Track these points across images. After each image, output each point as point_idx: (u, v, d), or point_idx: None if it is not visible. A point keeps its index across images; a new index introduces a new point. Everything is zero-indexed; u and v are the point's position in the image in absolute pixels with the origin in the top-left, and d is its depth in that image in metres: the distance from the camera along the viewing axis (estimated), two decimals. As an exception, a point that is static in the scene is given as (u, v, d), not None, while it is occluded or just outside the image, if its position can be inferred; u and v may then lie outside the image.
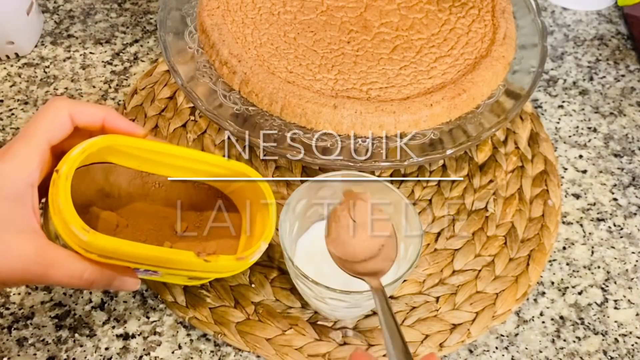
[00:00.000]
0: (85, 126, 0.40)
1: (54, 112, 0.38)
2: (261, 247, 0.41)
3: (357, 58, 0.53)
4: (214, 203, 0.46)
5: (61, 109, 0.39)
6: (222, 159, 0.43)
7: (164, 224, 0.45)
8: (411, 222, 0.44)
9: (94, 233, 0.35)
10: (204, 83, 0.51)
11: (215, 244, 0.45)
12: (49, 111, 0.38)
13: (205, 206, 0.46)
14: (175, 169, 0.43)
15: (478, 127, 0.50)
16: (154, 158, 0.42)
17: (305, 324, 0.47)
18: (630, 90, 0.65)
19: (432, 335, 0.47)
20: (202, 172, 0.43)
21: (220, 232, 0.46)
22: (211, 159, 0.43)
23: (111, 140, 0.39)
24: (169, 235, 0.45)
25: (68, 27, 0.69)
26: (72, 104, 0.39)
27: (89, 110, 0.40)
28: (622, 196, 0.57)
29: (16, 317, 0.48)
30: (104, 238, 0.36)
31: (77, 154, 0.37)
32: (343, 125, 0.48)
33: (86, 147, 0.38)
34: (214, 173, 0.43)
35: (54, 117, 0.38)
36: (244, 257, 0.40)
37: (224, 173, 0.43)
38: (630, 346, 0.48)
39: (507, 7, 0.57)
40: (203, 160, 0.43)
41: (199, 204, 0.46)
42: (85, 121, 0.40)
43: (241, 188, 0.44)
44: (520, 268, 0.51)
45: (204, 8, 0.55)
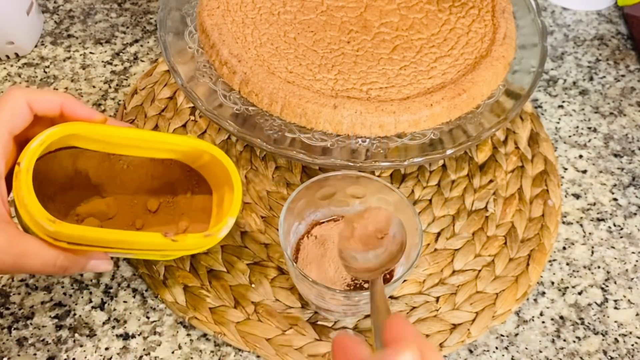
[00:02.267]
0: (44, 114, 0.40)
1: (12, 101, 0.38)
2: (228, 222, 0.41)
3: (357, 58, 0.53)
4: (186, 179, 0.47)
5: (18, 97, 0.38)
6: (184, 137, 0.43)
7: (137, 204, 0.46)
8: (411, 222, 0.44)
9: (59, 223, 0.36)
10: (204, 83, 0.51)
11: (189, 220, 0.46)
12: (7, 102, 0.38)
13: (177, 183, 0.47)
14: (140, 150, 0.44)
15: (478, 127, 0.50)
16: (118, 141, 0.42)
17: (305, 324, 0.47)
18: (630, 90, 0.65)
19: (432, 335, 0.47)
20: (166, 151, 0.44)
21: (193, 208, 0.46)
22: (172, 139, 0.43)
23: (69, 128, 0.39)
24: (141, 214, 0.46)
25: (68, 27, 0.69)
26: (29, 92, 0.39)
27: (46, 98, 0.39)
28: (622, 196, 0.57)
29: (16, 317, 0.48)
30: (69, 227, 0.37)
31: (36, 145, 0.38)
32: (343, 125, 0.48)
33: (45, 139, 0.38)
34: (176, 152, 0.44)
35: (13, 107, 0.38)
36: (211, 234, 0.41)
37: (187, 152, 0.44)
38: (630, 346, 0.48)
39: (507, 7, 0.57)
40: (164, 141, 0.43)
41: (171, 181, 0.47)
42: (43, 108, 0.39)
43: (209, 164, 0.45)
44: (520, 268, 0.51)
45: (204, 8, 0.55)
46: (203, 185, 0.46)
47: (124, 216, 0.45)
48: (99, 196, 0.46)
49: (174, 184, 0.47)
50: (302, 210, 0.46)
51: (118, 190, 0.46)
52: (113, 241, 0.39)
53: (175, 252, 0.42)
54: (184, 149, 0.44)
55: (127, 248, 0.40)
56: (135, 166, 0.46)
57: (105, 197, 0.46)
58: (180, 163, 0.46)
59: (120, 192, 0.46)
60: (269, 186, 0.55)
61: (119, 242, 0.39)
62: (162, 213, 0.46)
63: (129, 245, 0.39)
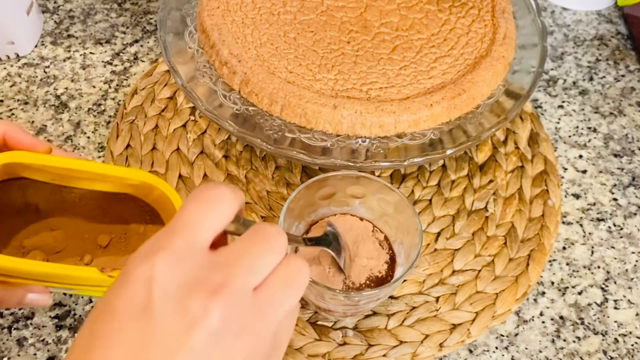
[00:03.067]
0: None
1: None
2: None
3: (357, 58, 0.53)
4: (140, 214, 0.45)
5: None
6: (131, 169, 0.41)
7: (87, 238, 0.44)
8: (411, 222, 0.44)
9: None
10: (204, 83, 0.51)
11: None
12: None
13: (131, 218, 0.45)
14: (91, 182, 0.42)
15: (478, 127, 0.50)
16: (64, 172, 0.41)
17: (305, 324, 0.47)
18: (630, 90, 0.65)
19: (432, 335, 0.47)
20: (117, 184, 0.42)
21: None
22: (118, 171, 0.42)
23: (10, 157, 0.38)
24: (91, 249, 0.44)
25: (68, 27, 0.69)
26: None
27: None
28: (622, 196, 0.57)
29: (16, 317, 0.48)
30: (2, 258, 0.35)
31: None
32: (343, 125, 0.48)
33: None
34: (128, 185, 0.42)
35: None
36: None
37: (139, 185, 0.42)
38: (630, 346, 0.48)
39: (507, 7, 0.57)
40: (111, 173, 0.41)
41: (125, 216, 0.45)
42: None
43: (161, 198, 0.43)
44: (520, 268, 0.51)
45: (204, 8, 0.55)
46: (157, 220, 0.45)
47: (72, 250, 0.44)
48: (48, 229, 0.44)
49: (127, 219, 0.45)
50: (302, 210, 0.46)
51: (68, 224, 0.44)
52: (47, 275, 0.37)
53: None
54: (133, 183, 0.42)
55: (62, 282, 0.38)
56: (87, 199, 0.44)
57: (54, 230, 0.44)
58: (134, 197, 0.44)
59: (70, 226, 0.44)
60: (269, 186, 0.55)
61: (52, 276, 0.37)
62: (112, 248, 0.45)
63: (63, 280, 0.38)
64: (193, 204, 0.28)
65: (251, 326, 0.26)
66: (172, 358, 0.25)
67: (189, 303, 0.26)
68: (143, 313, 0.26)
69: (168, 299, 0.26)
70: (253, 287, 0.27)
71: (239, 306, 0.26)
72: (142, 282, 0.26)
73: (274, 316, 0.27)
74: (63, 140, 0.59)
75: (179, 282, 0.26)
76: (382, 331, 0.48)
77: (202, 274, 0.26)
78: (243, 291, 0.27)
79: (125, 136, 0.58)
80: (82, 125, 0.60)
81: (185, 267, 0.26)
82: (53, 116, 0.60)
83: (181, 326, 0.25)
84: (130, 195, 0.44)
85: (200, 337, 0.25)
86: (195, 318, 0.25)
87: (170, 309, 0.26)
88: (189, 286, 0.26)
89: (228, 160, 0.57)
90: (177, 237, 0.27)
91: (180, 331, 0.25)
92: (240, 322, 0.26)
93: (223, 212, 0.29)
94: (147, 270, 0.26)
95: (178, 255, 0.27)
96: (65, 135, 0.59)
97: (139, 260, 0.27)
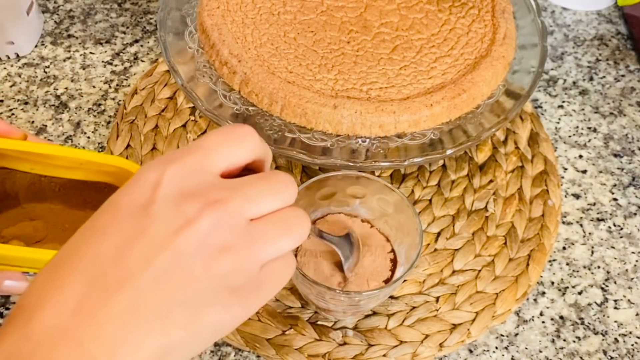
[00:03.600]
0: None
1: None
2: None
3: (357, 58, 0.53)
4: None
5: None
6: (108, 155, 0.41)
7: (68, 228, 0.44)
8: (411, 222, 0.44)
9: None
10: (204, 83, 0.51)
11: None
12: None
13: None
14: (70, 171, 0.42)
15: (478, 127, 0.50)
16: (44, 160, 0.41)
17: (305, 324, 0.47)
18: (630, 90, 0.65)
19: (432, 335, 0.47)
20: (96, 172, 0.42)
21: None
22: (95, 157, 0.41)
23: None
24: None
25: (68, 27, 0.69)
26: None
27: None
28: (622, 196, 0.57)
29: (16, 317, 0.48)
30: None
31: None
32: (343, 125, 0.48)
33: None
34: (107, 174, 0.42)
35: None
36: None
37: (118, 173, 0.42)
38: (630, 346, 0.48)
39: (507, 7, 0.57)
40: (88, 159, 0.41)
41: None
42: None
43: None
44: (520, 268, 0.51)
45: (204, 8, 0.55)
46: None
47: (52, 240, 0.43)
48: (27, 218, 0.44)
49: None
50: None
51: (48, 214, 0.44)
52: (20, 259, 0.37)
53: None
54: (111, 170, 0.42)
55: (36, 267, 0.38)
56: (67, 189, 0.44)
57: (34, 220, 0.44)
58: (114, 186, 0.44)
59: (50, 216, 0.44)
60: (269, 186, 0.55)
61: (27, 261, 0.37)
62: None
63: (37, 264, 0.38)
64: (215, 134, 0.29)
65: (237, 247, 0.27)
66: (156, 254, 0.26)
67: (185, 207, 0.27)
68: (142, 211, 0.27)
69: (167, 201, 0.27)
70: (249, 216, 0.28)
71: (230, 225, 0.27)
72: (148, 184, 0.28)
73: (262, 250, 0.28)
74: (63, 140, 0.59)
75: (182, 189, 0.27)
76: (382, 331, 0.48)
77: (206, 189, 0.28)
78: (238, 214, 0.28)
79: (125, 136, 0.58)
80: (82, 125, 0.60)
81: (191, 180, 0.28)
82: (53, 116, 0.60)
83: (172, 227, 0.26)
84: (111, 184, 0.44)
85: (186, 240, 0.26)
86: (186, 221, 0.26)
87: (167, 211, 0.27)
88: (190, 195, 0.27)
89: (228, 160, 0.57)
90: (191, 155, 0.28)
91: (170, 231, 0.26)
92: (227, 239, 0.27)
93: (243, 147, 0.30)
94: (156, 175, 0.28)
95: (188, 170, 0.28)
96: (65, 135, 0.59)
97: (150, 167, 0.28)
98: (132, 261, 0.26)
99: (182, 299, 0.26)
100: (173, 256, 0.26)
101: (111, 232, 0.27)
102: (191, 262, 0.26)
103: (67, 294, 0.26)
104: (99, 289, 0.25)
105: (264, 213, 0.29)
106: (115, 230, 0.27)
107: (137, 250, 0.26)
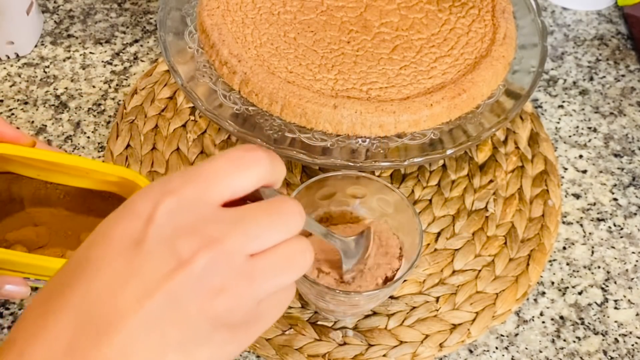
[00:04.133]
0: None
1: None
2: None
3: (357, 58, 0.53)
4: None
5: None
6: (112, 165, 0.42)
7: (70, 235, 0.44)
8: (411, 222, 0.44)
9: None
10: (204, 83, 0.51)
11: None
12: None
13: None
14: (75, 179, 0.42)
15: (478, 127, 0.50)
16: (50, 167, 0.41)
17: (305, 324, 0.47)
18: (630, 90, 0.65)
19: (432, 335, 0.47)
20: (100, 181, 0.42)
21: None
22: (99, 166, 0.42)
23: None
24: (73, 246, 0.44)
25: (68, 27, 0.69)
26: None
27: None
28: (622, 196, 0.57)
29: (16, 317, 0.48)
30: None
31: None
32: (343, 125, 0.48)
33: None
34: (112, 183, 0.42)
35: None
36: None
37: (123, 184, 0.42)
38: (630, 346, 0.48)
39: (507, 7, 0.57)
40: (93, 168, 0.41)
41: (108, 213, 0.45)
42: None
43: None
44: (520, 268, 0.51)
45: (204, 8, 0.55)
46: None
47: (54, 246, 0.44)
48: (31, 224, 0.44)
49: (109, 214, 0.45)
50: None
51: (52, 220, 0.44)
52: (20, 264, 0.37)
53: None
54: (114, 179, 0.42)
55: (36, 273, 0.38)
56: (72, 196, 0.44)
57: (37, 226, 0.44)
58: (119, 196, 0.44)
59: (54, 222, 0.44)
60: (269, 186, 0.55)
61: (27, 266, 0.38)
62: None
63: (37, 270, 0.38)
64: (221, 159, 0.28)
65: (233, 288, 0.26)
66: (149, 296, 0.25)
67: (179, 247, 0.26)
68: (134, 246, 0.26)
69: (161, 238, 0.26)
70: (249, 253, 0.27)
71: (227, 265, 0.26)
72: (141, 217, 0.26)
73: (261, 288, 0.27)
74: (63, 140, 0.59)
75: (176, 225, 0.26)
76: (382, 331, 0.48)
77: (202, 225, 0.26)
78: (236, 253, 0.26)
79: (125, 136, 0.58)
80: (82, 125, 0.60)
81: (187, 215, 0.27)
82: (53, 116, 0.60)
83: (165, 267, 0.25)
84: (115, 193, 0.44)
85: (180, 282, 0.25)
86: (181, 262, 0.26)
87: (160, 249, 0.26)
88: (184, 232, 0.26)
89: (228, 160, 0.57)
90: (190, 185, 0.27)
91: (163, 272, 0.25)
92: (223, 280, 0.26)
93: (249, 176, 0.28)
94: (150, 208, 0.26)
95: (185, 203, 0.27)
96: (65, 135, 0.59)
97: (145, 195, 0.27)
98: (125, 301, 0.25)
99: (175, 341, 0.25)
100: (166, 298, 0.25)
101: (103, 268, 0.26)
102: (185, 304, 0.25)
103: (59, 331, 0.25)
104: (91, 329, 0.25)
105: (265, 248, 0.27)
106: (108, 266, 0.26)
107: (129, 290, 0.25)
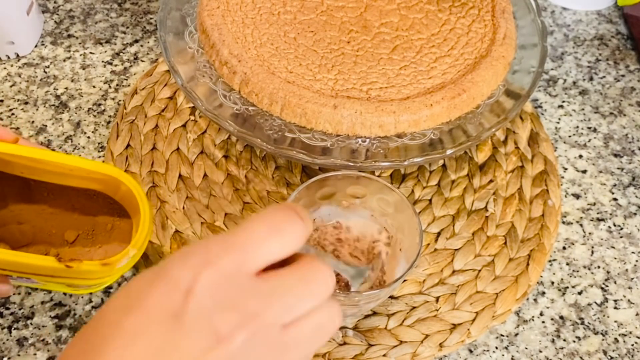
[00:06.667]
0: None
1: None
2: (129, 253, 0.39)
3: (357, 58, 0.53)
4: (108, 212, 0.45)
5: None
6: (95, 162, 0.41)
7: (55, 234, 0.44)
8: (411, 222, 0.44)
9: None
10: (204, 83, 0.51)
11: (104, 251, 0.44)
12: None
13: (99, 215, 0.45)
14: (59, 177, 0.42)
15: (478, 127, 0.50)
16: (34, 164, 0.41)
17: (305, 324, 0.47)
18: (630, 90, 0.66)
19: (432, 335, 0.47)
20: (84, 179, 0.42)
21: (112, 240, 0.45)
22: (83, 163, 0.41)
23: None
24: (57, 244, 0.44)
25: (68, 27, 0.69)
26: None
27: None
28: (622, 196, 0.57)
29: (16, 317, 0.48)
30: None
31: None
32: (343, 125, 0.48)
33: None
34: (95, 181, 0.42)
35: None
36: (108, 262, 0.39)
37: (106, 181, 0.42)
38: (630, 346, 0.48)
39: (507, 7, 0.57)
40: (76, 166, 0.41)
41: (93, 213, 0.45)
42: None
43: (127, 194, 0.43)
44: (520, 268, 0.51)
45: (204, 8, 0.55)
46: (125, 218, 0.45)
47: (38, 244, 0.44)
48: (15, 222, 0.44)
49: (95, 216, 0.45)
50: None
51: (36, 218, 0.44)
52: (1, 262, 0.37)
53: (75, 280, 0.40)
54: (99, 177, 0.42)
55: (21, 271, 0.38)
56: (56, 195, 0.44)
57: (21, 224, 0.44)
58: (103, 195, 0.44)
59: (38, 220, 0.44)
60: (269, 186, 0.55)
61: (8, 264, 0.37)
62: (79, 245, 0.45)
63: (21, 268, 0.38)
64: (259, 225, 0.28)
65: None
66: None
67: (219, 323, 0.26)
68: (173, 320, 0.26)
69: (200, 314, 0.26)
70: (284, 323, 0.27)
71: (264, 338, 0.26)
72: (181, 289, 0.26)
73: (295, 357, 0.28)
74: (63, 140, 0.59)
75: (215, 300, 0.26)
76: (382, 331, 0.48)
77: (240, 299, 0.27)
78: (273, 325, 0.27)
79: (125, 136, 0.58)
80: (82, 125, 0.60)
81: (227, 287, 0.27)
82: (53, 116, 0.60)
83: (204, 343, 0.25)
84: (99, 192, 0.44)
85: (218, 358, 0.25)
86: (219, 339, 0.26)
87: (199, 324, 0.26)
88: (224, 307, 0.26)
89: (228, 160, 0.57)
90: (229, 256, 0.27)
91: (202, 349, 0.25)
92: (260, 354, 0.26)
93: (285, 243, 0.28)
94: (190, 280, 0.26)
95: (224, 275, 0.27)
96: (65, 135, 0.59)
97: (183, 264, 0.27)
98: None
99: None
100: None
101: (139, 339, 0.26)
102: None
103: None
104: None
105: (298, 316, 0.28)
106: (144, 337, 0.26)
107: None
